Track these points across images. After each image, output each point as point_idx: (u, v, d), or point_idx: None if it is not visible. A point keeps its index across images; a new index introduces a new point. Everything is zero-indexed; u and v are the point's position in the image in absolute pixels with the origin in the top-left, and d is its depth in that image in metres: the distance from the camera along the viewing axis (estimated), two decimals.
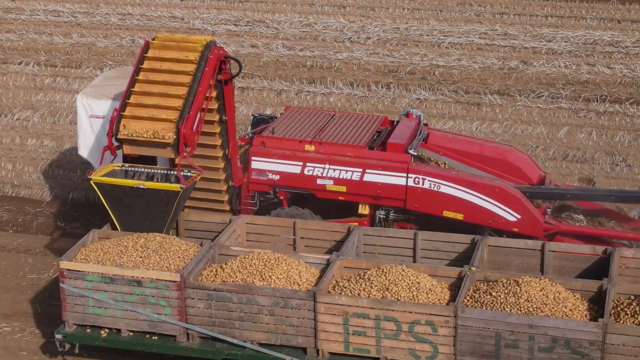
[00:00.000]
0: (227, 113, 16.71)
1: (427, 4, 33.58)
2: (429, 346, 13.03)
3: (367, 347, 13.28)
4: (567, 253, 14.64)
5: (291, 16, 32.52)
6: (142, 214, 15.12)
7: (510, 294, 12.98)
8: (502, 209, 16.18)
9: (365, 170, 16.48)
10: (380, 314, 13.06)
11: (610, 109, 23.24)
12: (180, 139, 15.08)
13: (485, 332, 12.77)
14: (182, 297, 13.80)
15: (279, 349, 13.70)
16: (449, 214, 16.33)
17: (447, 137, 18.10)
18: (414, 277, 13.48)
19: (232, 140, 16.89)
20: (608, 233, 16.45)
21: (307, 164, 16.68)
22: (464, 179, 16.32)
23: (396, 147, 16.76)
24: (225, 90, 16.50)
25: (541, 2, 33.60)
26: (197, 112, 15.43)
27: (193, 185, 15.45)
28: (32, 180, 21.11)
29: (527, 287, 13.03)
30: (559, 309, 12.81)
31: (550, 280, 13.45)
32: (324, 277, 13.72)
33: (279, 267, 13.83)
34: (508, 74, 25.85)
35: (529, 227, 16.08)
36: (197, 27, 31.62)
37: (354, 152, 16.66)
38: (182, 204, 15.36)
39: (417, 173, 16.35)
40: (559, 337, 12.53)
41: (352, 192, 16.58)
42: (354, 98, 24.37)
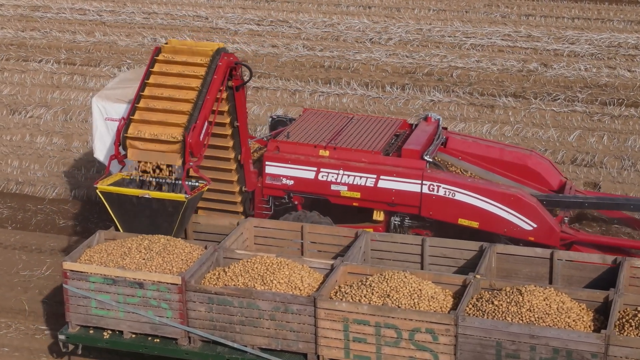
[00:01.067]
0: (239, 119, 16.61)
1: (454, 5, 33.39)
2: (429, 354, 12.89)
3: (367, 354, 13.16)
4: (576, 262, 14.42)
5: (315, 16, 32.44)
6: (147, 223, 15.06)
7: (513, 303, 12.81)
8: (518, 218, 15.95)
9: (380, 176, 16.33)
10: (380, 321, 12.93)
11: (626, 112, 22.96)
12: (187, 148, 15.00)
13: (486, 342, 12.61)
14: (184, 300, 13.75)
15: (280, 354, 13.61)
16: (464, 221, 16.13)
17: (466, 141, 17.91)
18: (416, 284, 13.33)
19: (244, 145, 16.80)
20: (627, 243, 16.16)
21: (321, 170, 16.55)
22: (479, 186, 16.12)
23: (411, 153, 16.59)
24: (236, 97, 16.40)
25: (569, 3, 33.32)
26: (204, 122, 15.33)
27: (200, 195, 15.38)
28: (37, 177, 21.19)
29: (530, 297, 12.84)
30: (562, 320, 12.62)
31: (556, 289, 13.25)
32: (325, 283, 13.61)
33: (281, 272, 13.74)
34: (526, 76, 25.62)
35: (545, 237, 15.84)
36: (220, 26, 31.63)
37: (368, 157, 16.52)
38: (189, 214, 15.28)
39: (432, 180, 16.16)
40: (561, 348, 12.34)
41: (367, 198, 16.44)
42: (367, 99, 24.23)
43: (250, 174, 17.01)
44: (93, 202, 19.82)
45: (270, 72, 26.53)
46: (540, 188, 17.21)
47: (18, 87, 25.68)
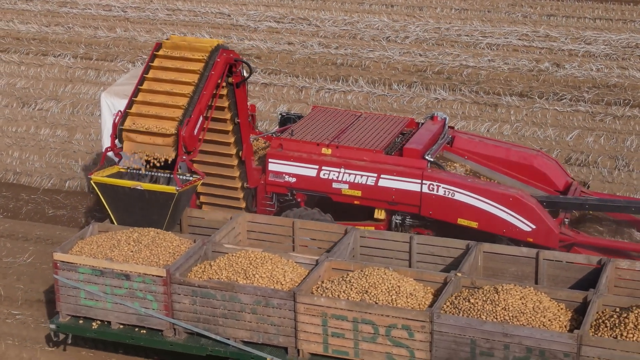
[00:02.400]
0: (240, 115, 16.81)
1: (477, 4, 33.41)
2: (405, 351, 13.01)
3: (345, 349, 13.30)
4: (561, 262, 14.45)
5: (336, 14, 32.60)
6: (140, 215, 15.31)
7: (489, 301, 12.89)
8: (517, 219, 15.97)
9: (381, 175, 16.44)
10: (358, 317, 13.06)
11: (629, 113, 22.91)
12: (180, 142, 15.21)
13: (461, 339, 12.70)
14: (168, 293, 13.97)
15: (261, 347, 13.78)
16: (464, 221, 16.20)
17: (473, 140, 17.95)
18: (395, 280, 13.45)
19: (245, 142, 17.00)
20: (627, 246, 16.11)
21: (323, 168, 16.70)
22: (479, 187, 16.16)
23: (412, 152, 16.68)
24: (237, 93, 16.61)
25: (593, 4, 33.23)
26: (199, 116, 15.53)
27: (193, 189, 15.59)
28: (34, 168, 21.57)
29: (506, 296, 12.92)
30: (537, 319, 12.68)
31: (535, 289, 13.31)
32: (307, 278, 13.77)
33: (264, 266, 13.91)
34: (536, 76, 25.62)
35: (544, 238, 15.86)
36: (241, 23, 31.89)
37: (370, 156, 16.63)
38: (181, 207, 15.49)
39: (432, 180, 16.24)
40: (534, 347, 12.40)
41: (367, 196, 16.57)
42: (372, 96, 24.35)
43: (252, 170, 17.21)
44: (84, 194, 20.18)
45: (281, 68, 26.73)
46: (546, 188, 17.21)
47: (32, 81, 26.09)
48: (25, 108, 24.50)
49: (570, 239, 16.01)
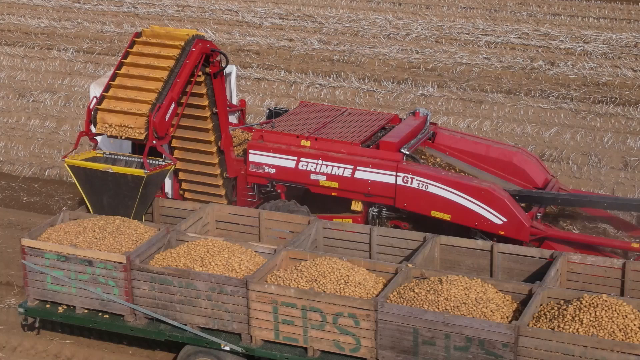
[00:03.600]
0: (218, 105, 17.21)
1: (485, 3, 33.66)
2: (352, 339, 13.31)
3: (295, 337, 13.62)
4: (515, 255, 14.70)
5: (342, 12, 32.95)
6: (111, 197, 15.77)
7: (432, 291, 13.17)
8: (488, 212, 16.21)
9: (357, 167, 16.75)
10: (306, 305, 13.38)
11: (612, 110, 23.05)
12: (150, 126, 15.63)
13: (404, 328, 12.98)
14: (129, 279, 14.37)
15: (217, 333, 14.13)
16: (437, 214, 16.46)
17: (454, 137, 18.20)
18: (345, 270, 13.77)
19: (224, 132, 17.39)
20: (596, 240, 16.24)
21: (302, 159, 17.04)
22: (451, 179, 16.41)
23: (388, 145, 16.97)
24: (215, 83, 17.01)
25: (601, 3, 33.36)
26: (170, 103, 15.95)
27: (163, 174, 15.99)
28: (18, 157, 22.07)
29: (449, 286, 13.20)
30: (478, 309, 12.94)
31: (483, 280, 13.57)
32: (262, 267, 14.12)
33: (221, 255, 14.28)
34: (528, 73, 25.83)
35: (515, 231, 16.08)
36: (246, 20, 32.32)
37: (347, 149, 16.95)
38: (151, 191, 15.91)
39: (406, 172, 16.52)
40: (473, 337, 12.65)
41: (344, 188, 16.89)
42: (360, 92, 24.68)
43: (231, 160, 17.60)
44: (61, 182, 20.69)
45: (277, 64, 27.13)
46: (525, 185, 17.43)
47: (32, 74, 26.67)
48: (21, 100, 25.06)
49: (541, 232, 16.21)
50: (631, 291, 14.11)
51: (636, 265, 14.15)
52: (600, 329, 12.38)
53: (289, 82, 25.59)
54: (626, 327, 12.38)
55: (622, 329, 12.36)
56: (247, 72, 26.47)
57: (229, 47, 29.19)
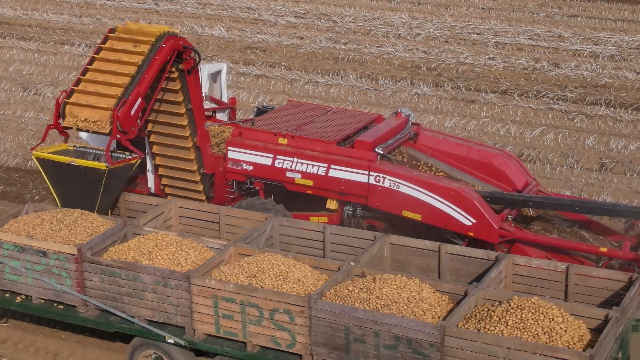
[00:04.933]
0: (193, 102, 17.44)
1: (506, 4, 33.54)
2: (287, 334, 13.47)
3: (235, 331, 13.82)
4: (462, 256, 14.74)
5: (359, 11, 33.04)
6: (76, 190, 16.11)
7: (364, 289, 13.28)
8: (458, 212, 16.23)
9: (331, 165, 16.89)
10: (244, 300, 13.57)
11: (602, 112, 22.88)
12: (114, 121, 15.90)
13: (336, 325, 13.10)
14: (80, 270, 14.68)
15: (163, 326, 14.38)
16: (408, 214, 16.53)
17: (436, 138, 18.22)
18: (285, 267, 13.93)
19: (200, 128, 17.63)
20: (564, 244, 16.15)
21: (278, 157, 17.22)
22: (422, 179, 16.45)
23: (362, 144, 17.07)
24: (188, 80, 17.24)
25: (622, 6, 33.03)
26: (137, 98, 16.18)
27: (128, 168, 16.26)
28: (5, 147, 22.51)
29: (381, 285, 13.30)
30: (409, 309, 13.02)
31: (421, 280, 13.65)
32: (207, 261, 14.34)
33: (168, 249, 14.53)
34: (528, 74, 25.74)
35: (484, 232, 16.08)
36: (263, 18, 32.54)
37: (322, 147, 17.08)
38: (115, 185, 16.20)
39: (378, 171, 16.61)
40: (402, 336, 12.74)
41: (319, 186, 17.03)
42: (355, 90, 24.78)
43: (208, 156, 17.84)
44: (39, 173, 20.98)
45: (280, 62, 27.32)
46: (504, 187, 17.42)
47: (40, 68, 27.19)
48: (23, 93, 25.54)
49: (511, 234, 16.16)
50: (575, 295, 14.08)
51: (579, 269, 14.12)
52: (525, 331, 12.39)
53: (287, 80, 25.79)
54: (551, 330, 12.38)
55: (547, 331, 12.37)
56: (248, 69, 26.72)
57: (238, 45, 29.48)
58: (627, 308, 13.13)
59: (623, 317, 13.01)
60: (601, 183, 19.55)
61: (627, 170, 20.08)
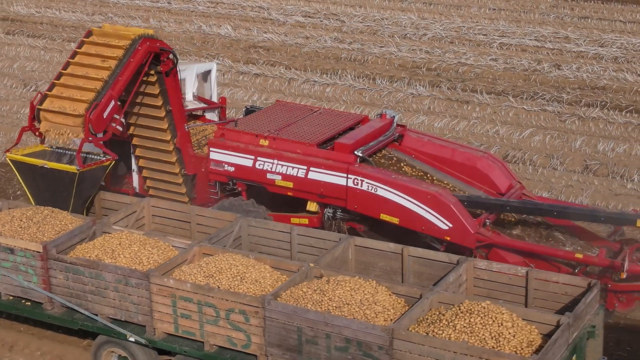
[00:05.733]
0: (172, 103, 17.54)
1: (517, 5, 33.30)
2: (243, 335, 13.51)
3: (192, 330, 13.88)
4: (424, 259, 14.69)
5: (369, 11, 33.01)
6: (49, 192, 16.23)
7: (318, 291, 13.29)
8: (435, 216, 16.16)
9: (310, 168, 16.91)
10: (201, 299, 13.62)
11: (595, 114, 22.69)
12: (86, 123, 16.02)
13: (289, 326, 13.12)
14: (46, 268, 14.82)
15: (125, 324, 14.47)
16: (386, 217, 16.50)
17: (421, 140, 18.18)
18: (243, 267, 13.97)
19: (180, 129, 17.73)
20: (541, 249, 16.08)
21: (258, 158, 17.28)
22: (399, 183, 16.42)
23: (342, 147, 17.08)
24: (167, 82, 17.34)
25: (635, 7, 32.81)
26: (109, 100, 16.27)
27: (100, 169, 16.32)
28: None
29: (335, 286, 13.29)
30: (361, 311, 13.00)
31: (378, 283, 13.63)
32: (169, 261, 14.41)
33: (131, 248, 14.63)
34: (528, 75, 25.61)
35: (460, 237, 16.02)
36: (272, 17, 32.60)
37: (302, 149, 17.11)
38: (88, 187, 16.27)
39: (357, 174, 16.60)
40: (352, 338, 12.73)
41: (298, 188, 17.06)
42: (351, 90, 24.76)
43: (189, 157, 17.94)
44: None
45: (282, 61, 27.38)
46: (488, 190, 17.35)
47: (44, 65, 27.42)
48: (23, 89, 25.76)
49: (487, 239, 16.08)
50: (535, 300, 14.00)
51: (539, 273, 14.03)
52: (473, 336, 12.34)
53: (284, 79, 25.86)
54: (499, 334, 12.32)
55: (494, 336, 12.30)
56: (248, 68, 26.81)
57: (243, 44, 29.58)
58: (582, 314, 13.02)
59: (577, 323, 12.90)
60: (581, 185, 19.43)
61: (610, 172, 19.95)
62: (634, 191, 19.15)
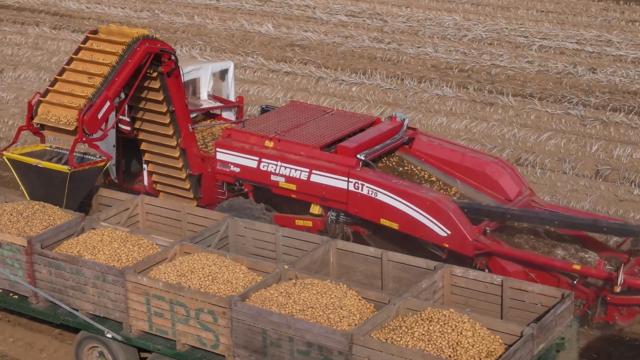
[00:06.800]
0: (174, 104, 17.62)
1: (568, 7, 32.72)
2: (212, 335, 13.52)
3: (165, 329, 13.93)
4: (403, 264, 14.53)
5: (415, 11, 32.74)
6: (44, 190, 16.42)
7: (284, 294, 13.23)
8: (434, 223, 15.95)
9: (312, 170, 16.87)
10: (173, 298, 13.67)
11: (618, 119, 22.20)
12: (79, 124, 16.15)
13: (255, 328, 13.09)
14: (30, 262, 15.02)
15: (104, 321, 14.59)
16: (386, 222, 16.35)
17: (432, 143, 17.99)
18: (216, 267, 13.97)
19: (183, 130, 17.82)
20: (539, 259, 15.76)
21: (263, 160, 17.28)
22: (399, 188, 16.24)
23: (345, 150, 17.00)
24: (169, 82, 17.43)
25: None
26: (105, 101, 16.35)
27: (94, 170, 16.43)
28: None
29: (301, 289, 13.22)
30: (325, 315, 12.91)
31: (349, 287, 13.53)
32: (147, 259, 14.49)
33: (111, 245, 14.74)
34: (560, 79, 25.13)
35: (458, 244, 15.79)
36: (315, 16, 32.57)
37: (306, 151, 17.06)
38: (81, 186, 16.38)
39: (357, 178, 16.50)
40: (313, 343, 12.66)
41: (301, 191, 17.02)
42: (376, 90, 24.58)
43: (194, 157, 18.03)
44: None
45: (315, 60, 27.32)
46: (496, 196, 17.11)
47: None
48: None
49: (486, 247, 15.80)
50: (510, 309, 13.74)
51: (514, 282, 13.77)
52: (430, 344, 12.18)
53: (313, 77, 25.81)
54: (457, 343, 12.13)
55: (452, 345, 12.12)
56: (280, 66, 26.82)
57: (281, 42, 29.60)
58: (549, 326, 12.74)
59: (543, 334, 12.64)
60: (587, 190, 19.05)
61: (621, 178, 19.50)
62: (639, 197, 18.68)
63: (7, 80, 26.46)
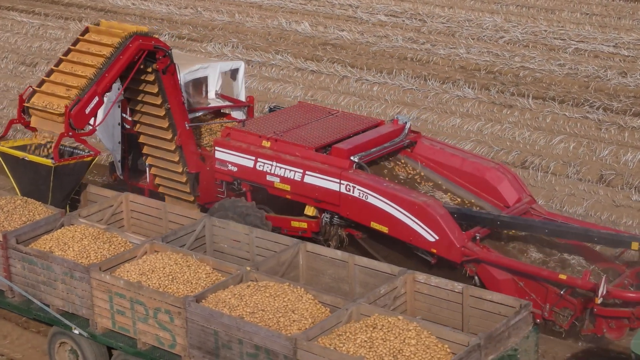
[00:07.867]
0: (170, 101, 17.69)
1: (614, 11, 32.07)
2: (169, 334, 13.52)
3: (127, 327, 13.98)
4: (369, 269, 14.35)
5: (457, 12, 32.38)
6: (31, 184, 16.61)
7: (237, 295, 13.17)
8: (422, 228, 15.77)
9: (306, 171, 16.83)
10: (133, 297, 13.72)
11: (635, 124, 21.66)
12: (66, 118, 16.28)
13: (207, 329, 13.06)
14: (6, 256, 15.21)
15: (72, 317, 14.69)
16: (376, 225, 16.23)
17: (433, 147, 17.83)
18: (177, 267, 13.97)
19: (180, 127, 17.88)
20: (526, 268, 15.43)
21: (259, 160, 17.31)
22: (388, 191, 16.10)
23: (338, 152, 16.92)
24: (164, 79, 17.49)
25: None
26: (93, 96, 16.44)
27: (81, 164, 16.55)
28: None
29: (254, 292, 13.15)
30: (275, 318, 12.81)
31: (306, 290, 13.42)
32: (114, 256, 14.56)
33: (82, 242, 14.84)
34: (587, 82, 24.58)
35: (445, 250, 15.59)
36: (355, 15, 32.42)
37: (300, 152, 17.03)
38: (68, 181, 16.51)
39: (349, 180, 16.41)
40: (261, 346, 12.58)
41: (295, 192, 17.01)
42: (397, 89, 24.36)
43: (191, 155, 18.10)
44: None
45: (344, 59, 27.18)
46: (495, 202, 16.88)
47: None
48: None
49: (474, 254, 15.55)
50: (470, 317, 13.48)
51: (474, 291, 13.50)
52: (371, 351, 12.00)
53: (337, 76, 25.69)
54: (399, 351, 11.95)
55: (393, 352, 11.93)
56: (306, 65, 26.74)
57: (315, 41, 29.51)
58: (499, 336, 12.46)
59: (492, 345, 12.36)
60: (584, 194, 18.57)
61: (625, 183, 18.99)
62: (636, 203, 18.14)
63: (37, 73, 26.83)
